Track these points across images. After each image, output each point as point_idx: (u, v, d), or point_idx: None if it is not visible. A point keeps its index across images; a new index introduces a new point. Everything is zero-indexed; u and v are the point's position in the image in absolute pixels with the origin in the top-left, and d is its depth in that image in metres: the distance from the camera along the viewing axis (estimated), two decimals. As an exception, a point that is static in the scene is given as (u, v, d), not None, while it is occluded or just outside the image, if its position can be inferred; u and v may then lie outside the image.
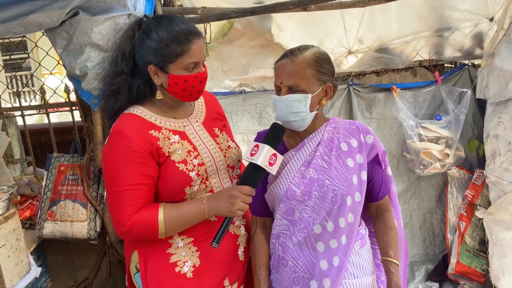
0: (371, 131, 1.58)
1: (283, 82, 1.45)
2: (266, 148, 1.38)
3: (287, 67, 1.45)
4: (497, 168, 2.54)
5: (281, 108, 1.46)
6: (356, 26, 2.68)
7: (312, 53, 1.47)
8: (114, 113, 1.52)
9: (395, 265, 1.50)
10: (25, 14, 1.98)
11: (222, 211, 1.41)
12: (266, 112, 2.90)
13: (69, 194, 2.57)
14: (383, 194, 1.60)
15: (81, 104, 2.55)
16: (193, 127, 1.58)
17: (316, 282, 1.47)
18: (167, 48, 1.41)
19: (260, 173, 1.41)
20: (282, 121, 1.50)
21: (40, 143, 3.50)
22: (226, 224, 1.40)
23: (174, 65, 1.43)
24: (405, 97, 2.85)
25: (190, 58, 1.43)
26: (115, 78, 1.49)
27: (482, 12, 2.60)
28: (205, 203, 1.44)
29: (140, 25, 1.49)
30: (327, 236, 1.47)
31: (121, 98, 1.50)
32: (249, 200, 1.40)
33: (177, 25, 1.43)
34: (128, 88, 1.49)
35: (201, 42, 1.47)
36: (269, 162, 1.38)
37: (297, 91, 1.44)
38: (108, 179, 1.45)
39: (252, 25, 2.63)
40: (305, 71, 1.44)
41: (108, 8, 2.05)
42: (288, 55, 1.47)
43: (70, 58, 2.13)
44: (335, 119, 1.60)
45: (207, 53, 1.68)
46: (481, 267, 2.77)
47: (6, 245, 1.92)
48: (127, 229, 1.40)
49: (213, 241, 1.38)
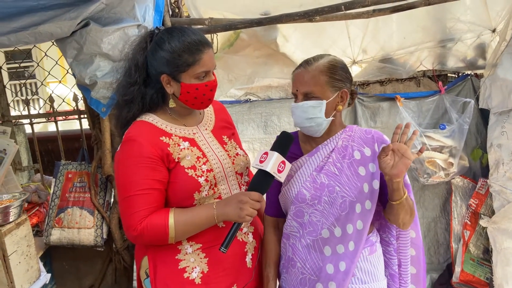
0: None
1: (298, 90, 1.52)
2: (275, 155, 1.41)
3: (302, 75, 1.51)
4: (500, 177, 2.56)
5: (297, 114, 1.52)
6: (360, 37, 2.72)
7: (326, 61, 1.52)
8: (127, 122, 1.56)
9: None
10: (37, 24, 2.02)
11: (231, 216, 1.44)
12: (272, 121, 2.93)
13: (77, 201, 2.59)
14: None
15: (89, 113, 2.59)
16: (203, 134, 1.62)
17: (322, 285, 1.50)
18: (179, 58, 1.45)
19: (269, 179, 1.43)
20: (300, 127, 1.56)
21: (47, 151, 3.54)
22: (235, 229, 1.42)
23: (186, 74, 1.47)
24: (409, 106, 2.88)
25: (201, 67, 1.47)
26: (129, 88, 1.53)
27: (485, 24, 2.64)
28: (215, 208, 1.46)
29: (151, 37, 1.53)
30: (334, 241, 1.50)
31: (134, 107, 1.54)
32: (257, 206, 1.42)
33: (189, 36, 1.47)
34: (141, 98, 1.53)
35: (211, 52, 1.51)
36: (278, 169, 1.41)
37: (312, 98, 1.48)
38: (120, 184, 1.48)
39: (258, 36, 2.67)
40: (318, 78, 1.48)
41: (118, 19, 2.09)
42: (303, 64, 1.53)
43: (80, 68, 2.17)
44: (352, 127, 1.62)
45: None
46: (485, 275, 2.78)
47: (17, 251, 1.94)
48: (138, 233, 1.42)
49: (222, 246, 1.40)
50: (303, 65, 1.53)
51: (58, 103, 3.01)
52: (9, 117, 3.03)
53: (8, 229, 1.90)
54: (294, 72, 1.56)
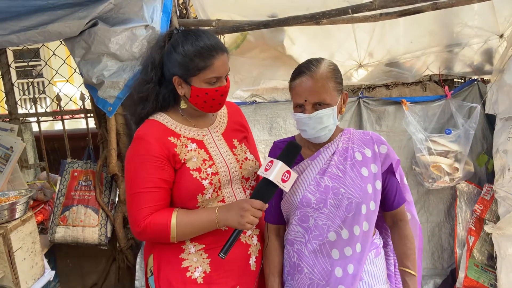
0: (384, 141, 1.60)
1: (307, 100, 1.45)
2: (279, 165, 1.40)
3: (309, 84, 1.44)
4: (506, 183, 2.54)
5: (311, 125, 1.46)
6: (367, 40, 2.71)
7: (327, 65, 1.49)
8: (141, 119, 1.59)
9: (411, 276, 1.50)
10: (46, 23, 2.05)
11: (231, 223, 1.44)
12: (277, 123, 2.93)
13: (82, 200, 2.61)
14: (398, 204, 1.61)
15: (96, 112, 2.60)
16: (212, 136, 1.62)
17: None
18: (190, 62, 1.46)
19: (272, 188, 1.42)
20: (311, 137, 1.51)
21: (53, 149, 3.56)
22: (235, 236, 1.42)
23: (196, 78, 1.48)
24: (415, 110, 2.87)
25: (212, 72, 1.48)
26: (144, 85, 1.56)
27: (492, 29, 2.63)
28: (216, 213, 1.47)
29: (170, 37, 1.55)
30: (341, 244, 1.49)
31: (148, 105, 1.57)
32: (259, 214, 1.42)
33: (202, 41, 1.48)
34: (155, 96, 1.55)
35: (225, 57, 1.51)
36: (282, 178, 1.40)
37: (323, 106, 1.45)
38: (128, 181, 1.51)
39: (265, 38, 2.68)
40: (327, 85, 1.45)
41: (126, 19, 2.11)
42: (306, 72, 1.46)
43: (87, 67, 2.19)
44: (349, 129, 1.62)
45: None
46: (489, 282, 2.76)
47: (22, 247, 1.95)
48: (141, 229, 1.45)
49: (221, 252, 1.40)
50: (305, 73, 1.46)
51: (65, 102, 3.03)
52: (16, 115, 3.06)
53: (14, 226, 1.92)
54: (296, 80, 1.48)
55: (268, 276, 1.61)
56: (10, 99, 3.06)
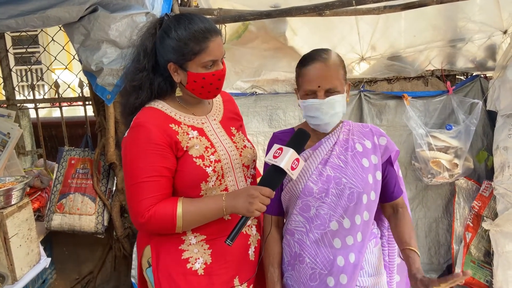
0: (383, 133, 1.62)
1: (321, 86, 1.46)
2: (290, 152, 1.38)
3: (323, 70, 1.46)
4: (505, 180, 2.54)
5: (324, 110, 1.48)
6: (370, 33, 2.69)
7: (336, 55, 1.53)
8: (135, 108, 1.53)
9: (416, 255, 1.46)
10: (45, 8, 2.01)
11: (239, 209, 1.41)
12: (277, 115, 2.92)
13: (79, 188, 2.60)
14: (398, 194, 1.62)
15: (94, 99, 2.58)
16: (211, 124, 1.60)
17: (333, 279, 1.49)
18: (185, 47, 1.42)
19: (281, 176, 1.41)
20: (321, 124, 1.51)
21: (50, 136, 3.54)
22: (242, 223, 1.39)
23: (192, 63, 1.45)
24: (416, 105, 2.86)
25: (208, 56, 1.44)
26: (137, 74, 1.51)
27: (496, 25, 2.61)
28: (224, 199, 1.44)
29: (161, 24, 1.51)
30: (343, 233, 1.50)
31: (142, 94, 1.52)
32: (267, 201, 1.39)
33: (196, 24, 1.44)
34: (149, 84, 1.51)
35: (220, 39, 1.48)
36: (291, 166, 1.38)
37: (335, 92, 1.47)
38: (127, 171, 1.46)
39: (267, 28, 2.65)
40: (339, 72, 1.49)
41: (126, 5, 2.08)
42: (319, 59, 1.48)
43: (86, 54, 2.16)
44: (348, 122, 1.64)
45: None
46: (485, 278, 2.77)
47: (18, 234, 1.94)
48: (145, 220, 1.40)
49: (228, 238, 1.37)
50: (318, 59, 1.48)
51: (63, 89, 3.00)
52: (14, 101, 3.03)
53: (10, 212, 1.90)
54: (308, 66, 1.49)
55: (267, 267, 1.60)
56: (8, 85, 3.04)
